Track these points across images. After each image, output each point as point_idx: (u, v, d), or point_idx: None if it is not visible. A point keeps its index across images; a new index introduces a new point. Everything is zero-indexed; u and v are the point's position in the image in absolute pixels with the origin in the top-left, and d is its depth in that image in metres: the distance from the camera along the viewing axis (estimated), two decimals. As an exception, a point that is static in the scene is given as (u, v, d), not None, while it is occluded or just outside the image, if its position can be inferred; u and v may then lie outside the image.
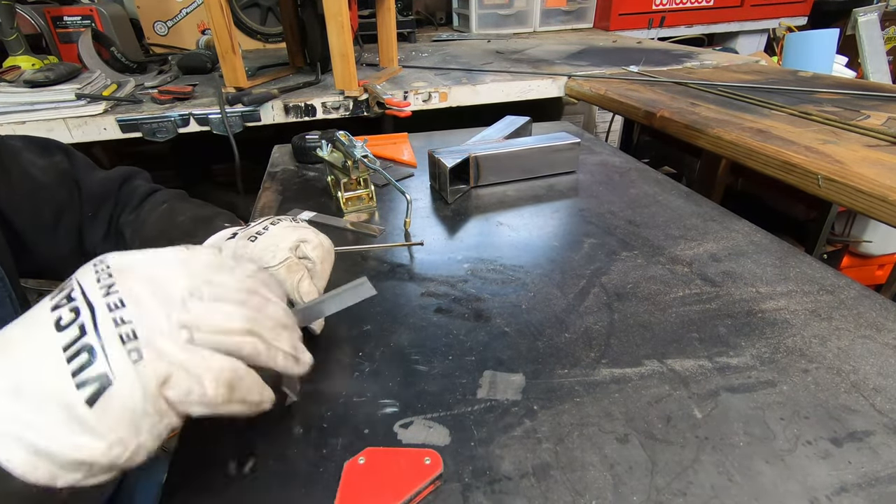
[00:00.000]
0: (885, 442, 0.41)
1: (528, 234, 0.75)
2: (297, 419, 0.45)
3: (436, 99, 1.44)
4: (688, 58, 1.77)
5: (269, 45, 2.22)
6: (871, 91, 1.23)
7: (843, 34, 2.26)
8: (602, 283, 0.63)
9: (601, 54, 1.89)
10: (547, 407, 0.45)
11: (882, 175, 0.75)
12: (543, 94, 1.54)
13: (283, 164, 1.08)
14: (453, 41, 2.33)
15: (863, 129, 0.95)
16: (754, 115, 1.08)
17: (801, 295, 0.60)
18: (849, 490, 0.37)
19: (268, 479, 0.39)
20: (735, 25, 2.71)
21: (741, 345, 0.52)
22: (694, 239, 0.72)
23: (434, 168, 0.91)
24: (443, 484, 0.38)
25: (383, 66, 1.68)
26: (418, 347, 0.53)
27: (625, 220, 0.79)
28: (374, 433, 0.43)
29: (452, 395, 0.46)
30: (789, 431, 0.42)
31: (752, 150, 0.92)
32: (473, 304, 0.59)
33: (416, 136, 1.22)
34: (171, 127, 1.28)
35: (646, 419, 0.43)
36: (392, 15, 1.57)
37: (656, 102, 1.21)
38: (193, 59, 1.67)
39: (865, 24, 2.14)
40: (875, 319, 0.55)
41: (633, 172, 0.97)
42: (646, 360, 0.50)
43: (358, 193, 0.85)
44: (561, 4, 2.56)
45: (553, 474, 0.39)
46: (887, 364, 0.49)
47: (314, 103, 1.35)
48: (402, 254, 0.72)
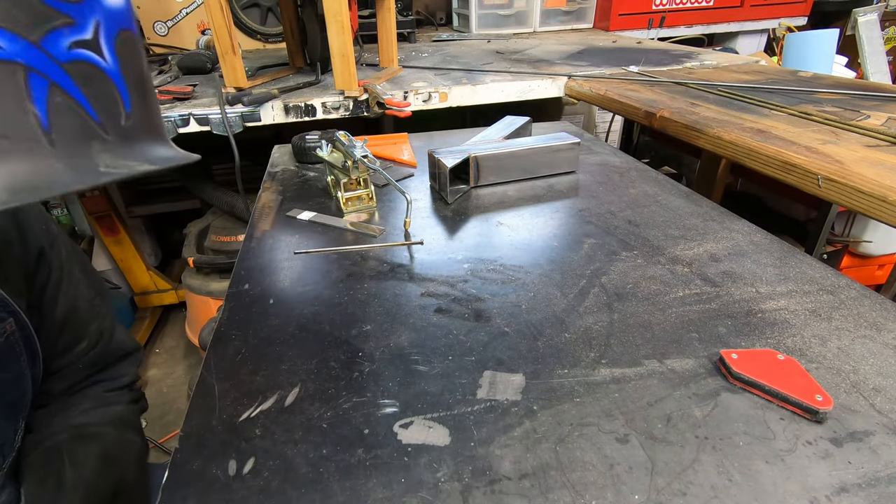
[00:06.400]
0: (885, 442, 0.41)
1: (527, 234, 0.75)
2: (298, 420, 0.45)
3: (436, 99, 1.44)
4: (688, 58, 1.77)
5: (269, 45, 2.22)
6: (871, 91, 1.23)
7: (843, 34, 2.26)
8: (602, 283, 0.63)
9: (601, 54, 1.89)
10: (547, 407, 0.45)
11: (882, 175, 0.75)
12: (543, 94, 1.54)
13: (283, 164, 1.08)
14: (453, 41, 2.33)
15: (863, 129, 0.95)
16: (754, 115, 1.08)
17: (801, 295, 0.60)
18: (849, 490, 0.37)
19: (268, 479, 0.39)
20: (735, 25, 2.71)
21: (741, 345, 0.52)
22: (694, 239, 0.72)
23: (434, 168, 0.91)
24: (443, 484, 0.38)
25: (383, 66, 1.68)
26: (418, 347, 0.53)
27: (625, 220, 0.79)
28: (374, 433, 0.43)
29: (452, 395, 0.46)
30: (789, 431, 0.42)
31: (752, 150, 0.92)
32: (473, 305, 0.59)
33: (416, 136, 1.22)
34: (171, 127, 1.28)
35: (646, 419, 0.43)
36: (392, 15, 1.57)
37: (656, 102, 1.21)
38: (193, 59, 1.67)
39: (865, 25, 2.14)
40: (875, 319, 0.55)
41: (633, 172, 0.97)
42: (646, 360, 0.50)
43: (358, 193, 0.85)
44: (561, 4, 2.56)
45: (553, 474, 0.39)
46: (887, 364, 0.49)
47: (314, 103, 1.35)
48: (402, 254, 0.72)
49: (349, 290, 0.63)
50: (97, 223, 1.95)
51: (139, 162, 0.31)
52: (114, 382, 0.71)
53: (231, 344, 0.54)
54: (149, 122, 0.33)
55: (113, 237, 1.99)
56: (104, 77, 0.30)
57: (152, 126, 0.34)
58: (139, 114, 0.32)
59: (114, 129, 0.30)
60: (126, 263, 2.07)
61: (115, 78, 0.30)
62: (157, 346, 2.17)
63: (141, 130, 0.32)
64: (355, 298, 0.61)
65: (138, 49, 0.33)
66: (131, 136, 0.31)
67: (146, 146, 0.33)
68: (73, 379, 0.67)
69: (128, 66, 0.31)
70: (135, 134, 0.32)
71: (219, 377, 0.49)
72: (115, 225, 1.97)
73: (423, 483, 0.39)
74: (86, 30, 0.28)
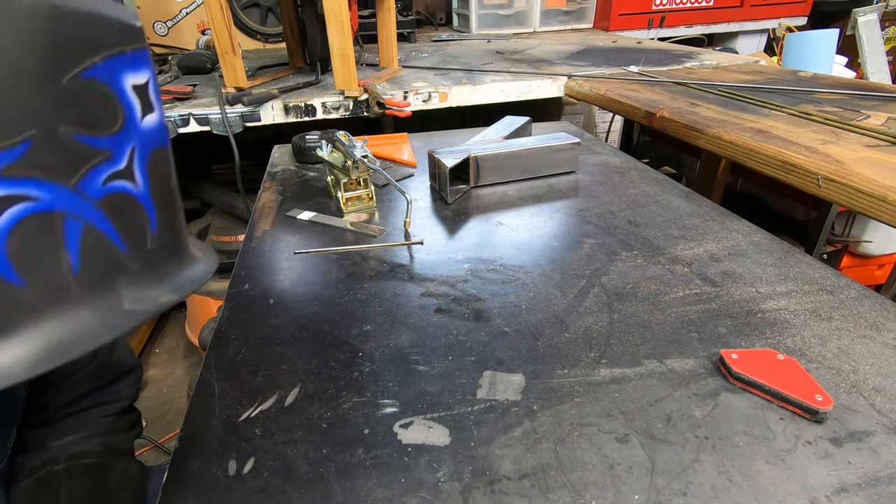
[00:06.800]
0: (885, 442, 0.41)
1: (527, 234, 0.75)
2: (298, 420, 0.45)
3: (436, 99, 1.44)
4: (688, 58, 1.77)
5: (269, 45, 2.22)
6: (871, 91, 1.23)
7: (843, 34, 2.26)
8: (602, 283, 0.63)
9: (601, 54, 1.89)
10: (547, 407, 0.45)
11: (882, 175, 0.75)
12: (543, 94, 1.54)
13: (283, 164, 1.08)
14: (453, 41, 2.33)
15: (863, 129, 0.95)
16: (754, 115, 1.08)
17: (801, 295, 0.60)
18: (849, 490, 0.37)
19: (268, 479, 0.39)
20: (735, 25, 2.71)
21: (741, 345, 0.52)
22: (694, 239, 0.72)
23: (434, 168, 0.91)
24: (443, 484, 0.38)
25: (383, 66, 1.68)
26: (418, 347, 0.53)
27: (625, 220, 0.79)
28: (374, 433, 0.43)
29: (452, 395, 0.46)
30: (789, 431, 0.42)
31: (752, 150, 0.92)
32: (473, 305, 0.59)
33: (416, 136, 1.22)
34: (171, 127, 1.28)
35: (646, 419, 0.43)
36: (392, 15, 1.57)
37: (656, 102, 1.21)
38: (193, 59, 1.67)
39: (865, 25, 2.14)
40: (875, 319, 0.55)
41: (633, 172, 0.97)
42: (646, 360, 0.50)
43: (358, 193, 0.85)
44: (561, 4, 2.56)
45: (553, 474, 0.39)
46: (887, 364, 0.49)
47: (314, 103, 1.35)
48: (402, 254, 0.72)
49: (349, 290, 0.63)
50: (97, 223, 1.95)
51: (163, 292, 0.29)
52: (112, 406, 0.70)
53: (231, 344, 0.54)
54: (174, 241, 0.31)
55: (113, 237, 1.99)
56: (135, 203, 0.27)
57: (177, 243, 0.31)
58: (165, 233, 0.30)
59: (139, 257, 0.28)
60: (126, 263, 2.07)
61: (144, 202, 0.28)
62: (157, 346, 2.17)
63: (166, 252, 0.30)
64: (355, 298, 0.61)
65: (169, 162, 0.30)
66: (156, 260, 0.29)
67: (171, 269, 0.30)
68: (72, 394, 0.66)
69: (157, 184, 0.29)
70: (160, 258, 0.29)
71: (219, 377, 0.49)
72: (115, 225, 1.97)
73: (423, 483, 0.39)
74: (121, 160, 0.26)
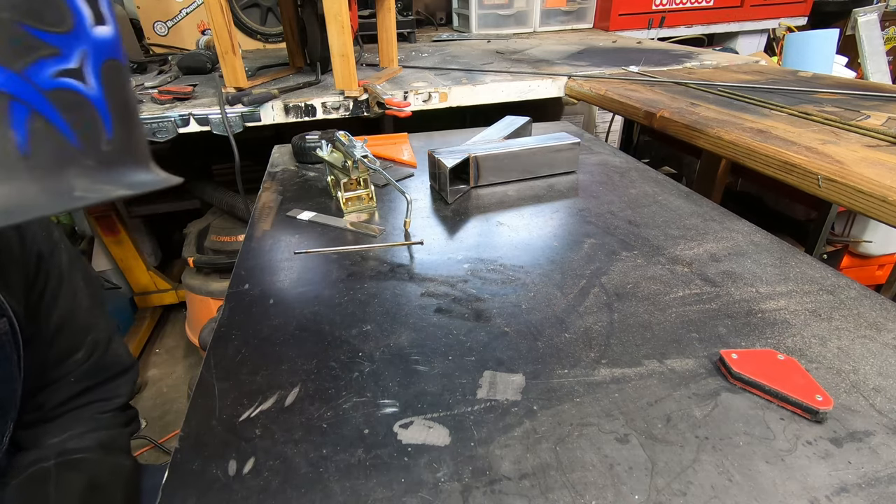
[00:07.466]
0: (885, 442, 0.41)
1: (528, 234, 0.75)
2: (298, 420, 0.45)
3: (436, 99, 1.44)
4: (688, 58, 1.77)
5: (269, 45, 2.22)
6: (871, 91, 1.23)
7: (843, 34, 2.26)
8: (602, 283, 0.63)
9: (601, 54, 1.89)
10: (547, 407, 0.45)
11: (882, 175, 0.75)
12: (543, 94, 1.54)
13: (283, 164, 1.08)
14: (453, 41, 2.33)
15: (863, 129, 0.95)
16: (754, 115, 1.08)
17: (801, 295, 0.60)
18: (849, 490, 0.37)
19: (268, 479, 0.39)
20: (735, 25, 2.71)
21: (741, 345, 0.52)
22: (694, 239, 0.72)
23: (434, 168, 0.91)
24: (443, 484, 0.38)
25: (383, 66, 1.68)
26: (418, 347, 0.53)
27: (625, 220, 0.79)
28: (374, 433, 0.43)
29: (452, 395, 0.46)
30: (789, 431, 0.42)
31: (752, 150, 0.92)
32: (473, 305, 0.59)
33: (416, 136, 1.22)
34: (171, 127, 1.28)
35: (646, 419, 0.43)
36: (392, 15, 1.57)
37: (656, 102, 1.21)
38: (193, 59, 1.67)
39: (865, 25, 2.14)
40: (875, 319, 0.55)
41: (633, 172, 0.97)
42: (646, 360, 0.50)
43: (358, 193, 0.85)
44: (561, 4, 2.56)
45: (553, 474, 0.39)
46: (887, 364, 0.49)
47: (314, 103, 1.35)
48: (402, 254, 0.72)
49: (349, 290, 0.63)
50: (97, 223, 1.95)
51: (116, 186, 0.32)
52: (107, 403, 0.70)
53: (231, 344, 0.54)
54: (130, 148, 0.34)
55: (113, 237, 1.99)
56: (87, 103, 0.30)
57: (134, 151, 0.35)
58: (121, 139, 0.33)
59: (93, 155, 0.31)
60: (126, 263, 2.07)
61: (98, 104, 0.31)
62: (157, 346, 2.17)
63: (122, 155, 0.33)
64: (355, 298, 0.61)
65: (125, 77, 0.34)
66: (111, 161, 0.32)
67: (126, 171, 0.33)
68: (67, 393, 0.67)
69: (112, 94, 0.32)
70: (115, 159, 0.32)
71: (219, 377, 0.49)
72: (115, 225, 1.97)
73: (423, 483, 0.39)
74: (71, 59, 0.29)
